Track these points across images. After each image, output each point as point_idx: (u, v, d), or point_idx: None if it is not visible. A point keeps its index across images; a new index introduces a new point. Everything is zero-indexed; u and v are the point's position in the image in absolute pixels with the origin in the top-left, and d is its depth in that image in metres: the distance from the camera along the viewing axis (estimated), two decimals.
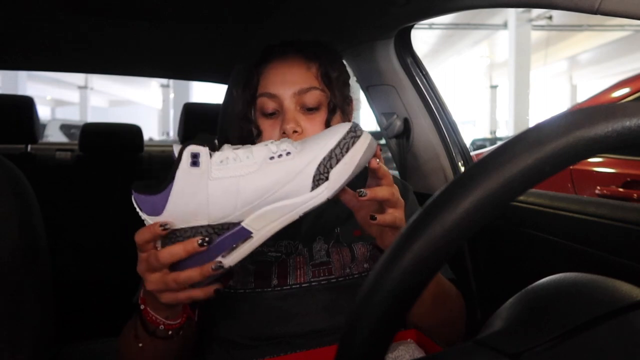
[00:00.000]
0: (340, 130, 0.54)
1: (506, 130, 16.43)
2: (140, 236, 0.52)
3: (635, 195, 1.83)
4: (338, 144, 0.53)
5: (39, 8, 1.03)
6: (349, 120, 0.81)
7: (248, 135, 0.77)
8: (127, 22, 1.14)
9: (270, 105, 0.74)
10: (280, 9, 1.03)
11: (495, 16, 12.78)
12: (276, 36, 0.85)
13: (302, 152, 0.54)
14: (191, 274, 0.52)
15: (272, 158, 0.53)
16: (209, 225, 0.52)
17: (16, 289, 0.58)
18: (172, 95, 18.94)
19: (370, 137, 0.55)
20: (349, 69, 1.41)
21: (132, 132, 1.99)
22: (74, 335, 1.38)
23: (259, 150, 0.54)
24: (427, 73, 1.23)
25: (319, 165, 0.53)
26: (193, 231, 0.52)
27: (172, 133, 18.11)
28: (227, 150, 0.54)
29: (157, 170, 1.98)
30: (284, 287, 0.72)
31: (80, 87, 20.25)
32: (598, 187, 1.97)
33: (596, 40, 14.95)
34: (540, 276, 0.39)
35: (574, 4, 0.61)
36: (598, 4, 0.57)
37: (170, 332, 0.60)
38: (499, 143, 0.31)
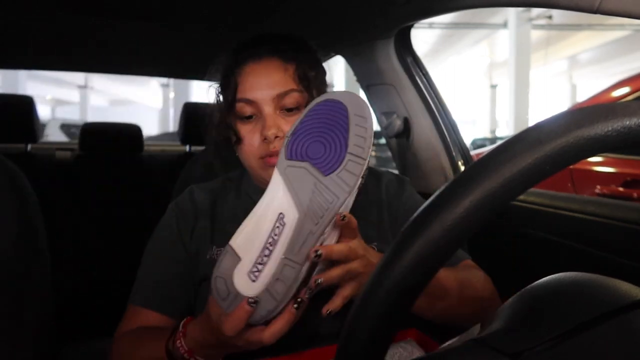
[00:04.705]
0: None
1: (506, 130, 16.41)
2: (234, 327, 0.54)
3: (635, 194, 1.83)
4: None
5: (39, 8, 1.03)
6: None
7: (227, 142, 0.76)
8: (127, 22, 1.13)
9: (248, 110, 0.73)
10: (280, 9, 1.03)
11: (495, 15, 12.75)
12: None
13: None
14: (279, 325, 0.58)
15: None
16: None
17: (16, 289, 0.58)
18: (172, 95, 18.91)
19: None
20: (349, 69, 1.41)
21: (132, 132, 1.99)
22: (74, 335, 1.37)
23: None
24: (427, 72, 1.23)
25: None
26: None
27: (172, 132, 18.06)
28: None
29: (157, 170, 1.97)
30: None
31: (80, 87, 20.21)
32: (598, 187, 1.97)
33: (596, 39, 14.91)
34: (540, 276, 0.39)
35: (574, 3, 0.61)
36: (598, 3, 0.57)
37: None
38: (499, 142, 0.31)
